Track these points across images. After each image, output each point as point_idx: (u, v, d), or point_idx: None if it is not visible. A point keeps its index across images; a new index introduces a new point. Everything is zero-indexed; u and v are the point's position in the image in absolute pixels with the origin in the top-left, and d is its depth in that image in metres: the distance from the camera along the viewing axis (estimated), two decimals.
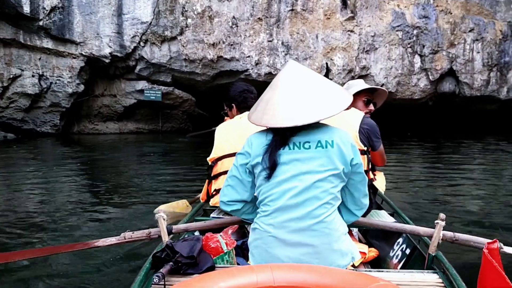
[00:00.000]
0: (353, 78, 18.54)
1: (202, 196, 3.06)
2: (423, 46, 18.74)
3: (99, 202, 5.85)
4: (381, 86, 18.96)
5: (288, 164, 1.75)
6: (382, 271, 1.89)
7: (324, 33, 18.25)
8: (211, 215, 2.88)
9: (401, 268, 2.42)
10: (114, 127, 20.20)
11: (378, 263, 2.67)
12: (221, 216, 2.78)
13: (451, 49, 18.86)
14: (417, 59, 18.97)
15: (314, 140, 1.77)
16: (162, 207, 3.13)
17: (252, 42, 17.93)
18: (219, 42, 17.77)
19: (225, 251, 1.99)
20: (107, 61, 17.72)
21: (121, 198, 6.11)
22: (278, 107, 1.75)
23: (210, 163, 2.88)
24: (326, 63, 18.33)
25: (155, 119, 20.76)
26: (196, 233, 2.56)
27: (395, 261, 2.61)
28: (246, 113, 2.52)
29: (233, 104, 3.02)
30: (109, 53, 17.55)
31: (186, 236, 2.31)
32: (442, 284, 1.78)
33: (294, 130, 1.77)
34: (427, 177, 8.19)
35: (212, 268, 1.80)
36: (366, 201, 1.97)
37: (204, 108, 20.73)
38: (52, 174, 8.20)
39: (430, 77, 19.08)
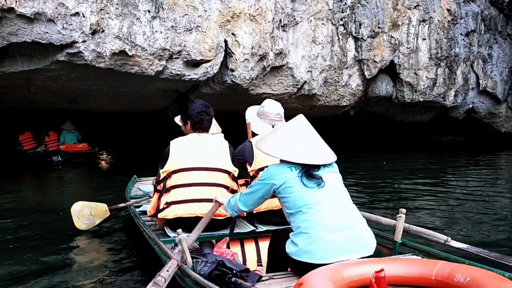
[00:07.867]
0: (264, 70, 10.82)
1: (150, 209, 3.08)
2: (360, 25, 12.28)
3: None
4: (303, 85, 11.67)
5: (325, 178, 2.37)
6: (385, 259, 2.15)
7: None
8: (166, 229, 3.01)
9: None
10: None
11: None
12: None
13: (394, 32, 12.88)
14: (350, 44, 12.39)
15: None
16: (79, 204, 4.13)
17: None
18: None
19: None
20: None
21: None
22: (311, 148, 2.43)
23: (163, 175, 2.91)
24: (225, 41, 10.16)
25: None
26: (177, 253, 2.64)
27: None
28: (205, 133, 3.08)
29: (188, 122, 3.10)
30: None
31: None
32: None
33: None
34: None
35: (260, 277, 2.20)
36: None
37: None
38: None
39: (366, 73, 12.71)
